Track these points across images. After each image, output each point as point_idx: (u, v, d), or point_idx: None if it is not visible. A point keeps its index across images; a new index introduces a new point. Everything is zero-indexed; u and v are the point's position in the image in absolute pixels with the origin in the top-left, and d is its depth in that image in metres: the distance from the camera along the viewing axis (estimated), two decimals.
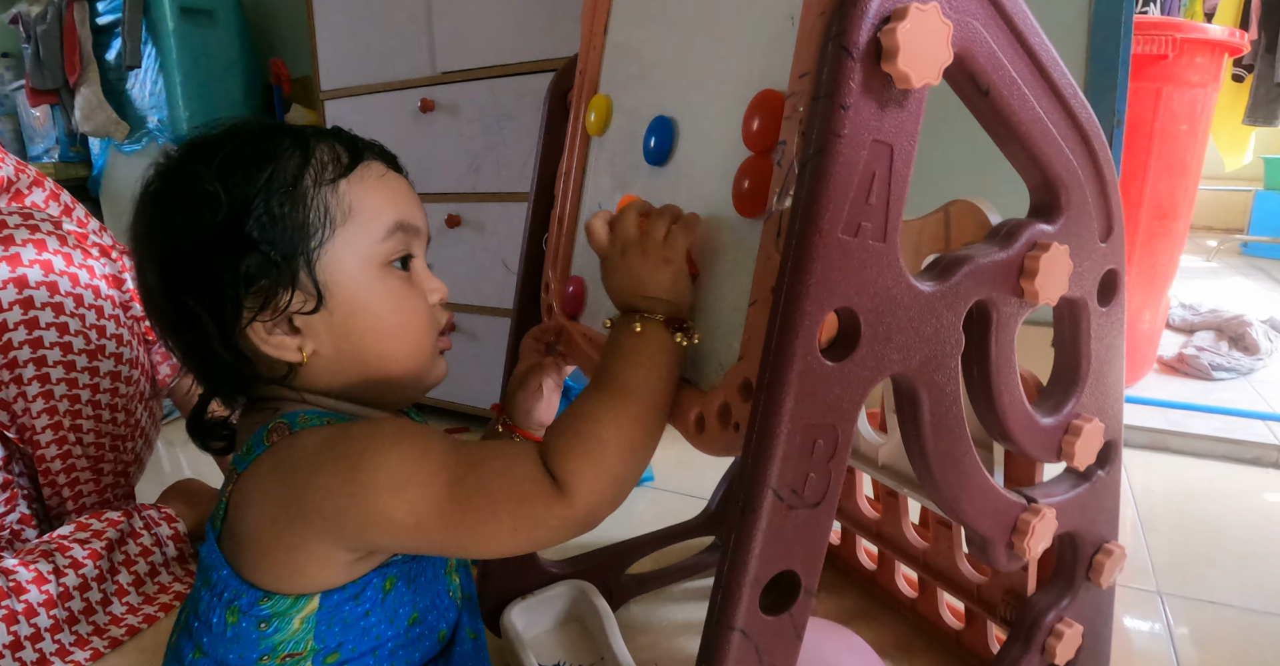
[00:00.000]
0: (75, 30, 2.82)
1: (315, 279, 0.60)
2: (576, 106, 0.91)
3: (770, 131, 0.55)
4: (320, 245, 0.59)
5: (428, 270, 0.68)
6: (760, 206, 0.55)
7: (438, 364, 0.69)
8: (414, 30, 1.79)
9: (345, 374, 0.63)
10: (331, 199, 0.60)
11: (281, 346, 0.60)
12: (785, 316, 0.47)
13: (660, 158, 0.72)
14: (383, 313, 0.63)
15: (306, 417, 0.60)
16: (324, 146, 0.62)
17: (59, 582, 1.10)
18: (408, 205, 0.65)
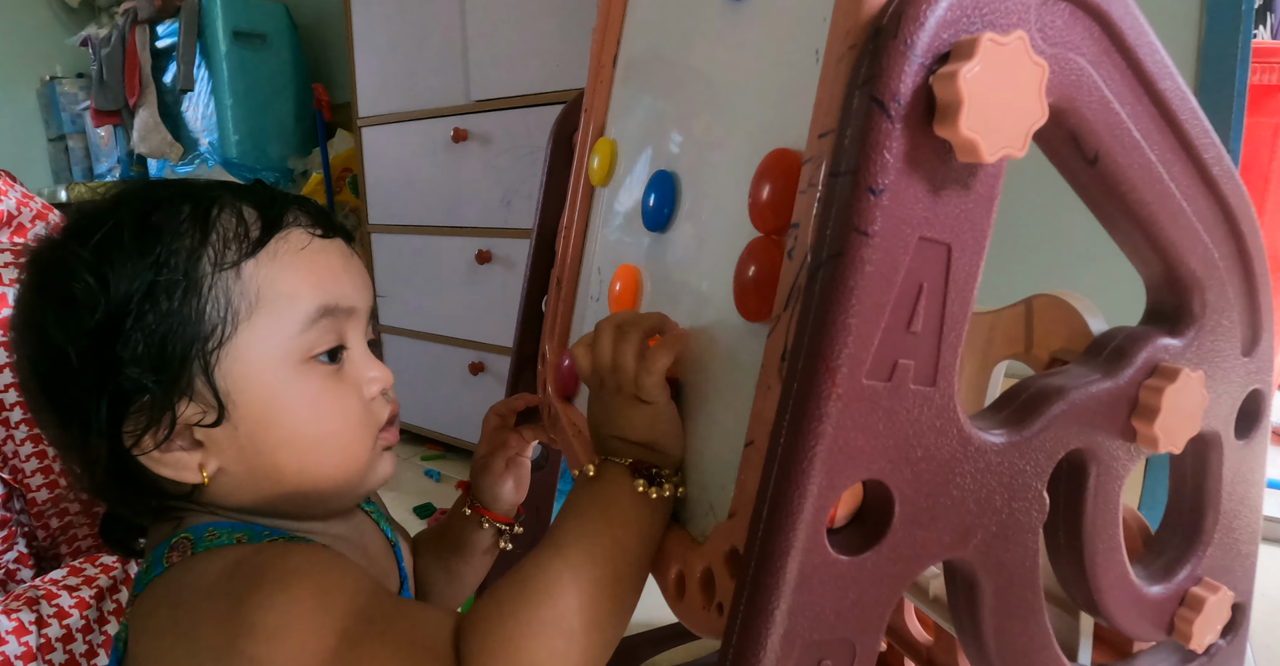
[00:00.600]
0: (136, 53, 2.84)
1: (214, 387, 0.48)
2: (580, 151, 0.77)
3: (781, 206, 0.40)
4: (220, 345, 0.48)
5: (367, 355, 0.55)
6: (765, 309, 0.40)
7: (377, 467, 0.55)
8: (450, 56, 1.70)
9: (259, 491, 0.51)
10: (234, 286, 0.48)
11: (179, 465, 0.49)
12: (781, 487, 0.32)
13: (659, 222, 0.57)
14: (300, 422, 0.50)
15: (214, 533, 0.49)
16: (229, 216, 0.50)
17: (40, 633, 1.02)
18: (336, 282, 0.52)
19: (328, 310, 0.51)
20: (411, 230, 1.90)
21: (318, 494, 0.52)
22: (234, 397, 0.48)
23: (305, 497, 0.52)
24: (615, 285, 0.63)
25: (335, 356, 0.52)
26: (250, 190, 0.53)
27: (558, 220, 0.82)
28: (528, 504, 0.88)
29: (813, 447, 0.31)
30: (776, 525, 0.32)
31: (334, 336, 0.51)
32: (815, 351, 0.31)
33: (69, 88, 3.50)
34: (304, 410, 0.50)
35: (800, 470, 0.31)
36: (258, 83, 2.62)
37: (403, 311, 1.99)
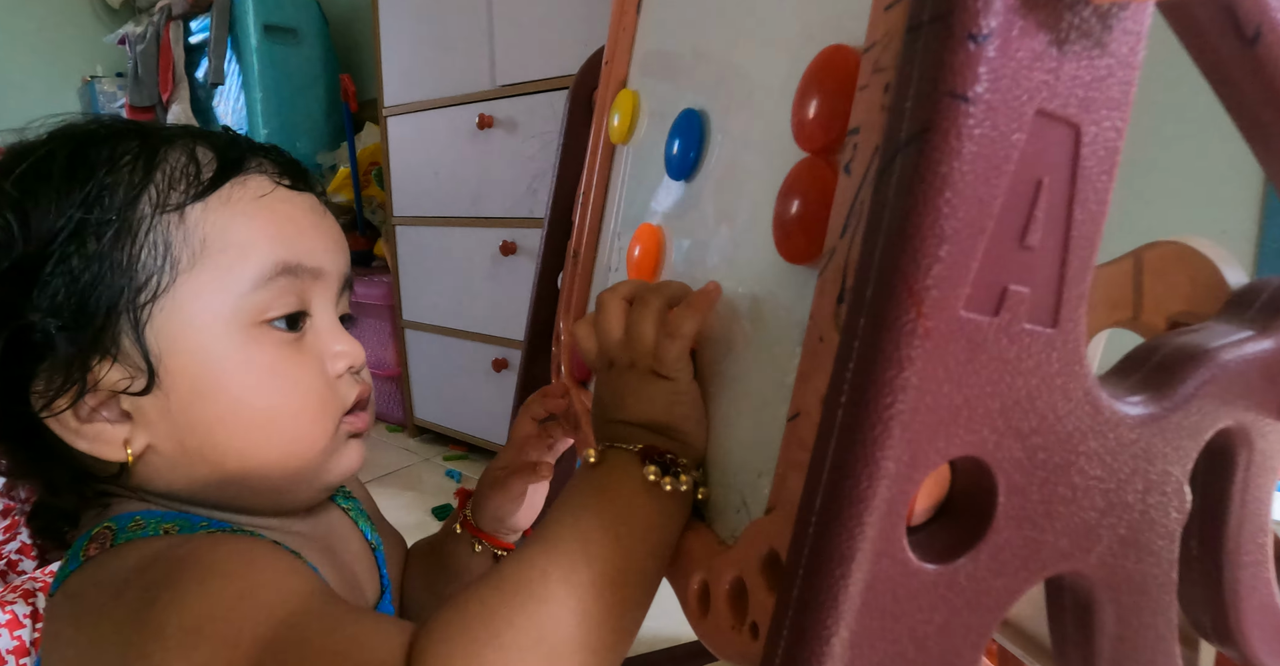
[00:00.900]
0: (170, 49, 2.83)
1: (144, 347, 0.40)
2: (600, 107, 0.69)
3: (835, 113, 0.31)
4: (154, 298, 0.41)
5: (335, 327, 0.47)
6: (815, 246, 0.32)
7: (341, 455, 0.47)
8: (475, 42, 1.63)
9: (194, 475, 0.43)
10: (175, 231, 0.41)
11: (100, 439, 0.41)
12: (843, 467, 0.23)
13: (685, 168, 0.48)
14: (244, 394, 0.42)
15: (140, 523, 0.42)
16: (181, 154, 0.43)
17: (35, 628, 0.97)
18: (300, 237, 0.45)
19: (287, 267, 0.43)
20: (435, 221, 1.83)
21: (264, 483, 0.44)
22: (166, 361, 0.41)
23: (249, 487, 0.44)
24: (634, 249, 0.55)
25: (295, 324, 0.45)
26: (212, 133, 0.46)
27: (575, 187, 0.74)
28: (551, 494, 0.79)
29: (889, 408, 0.22)
30: (836, 520, 0.23)
31: (294, 299, 0.44)
32: (891, 273, 0.22)
33: (108, 87, 3.51)
34: (250, 381, 0.42)
35: (871, 441, 0.22)
36: (288, 77, 2.58)
37: (425, 306, 1.92)
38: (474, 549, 0.60)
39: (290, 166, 0.47)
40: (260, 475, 0.44)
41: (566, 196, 0.74)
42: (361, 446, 0.49)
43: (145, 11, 3.48)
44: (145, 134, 0.43)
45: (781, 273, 0.35)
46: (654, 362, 0.42)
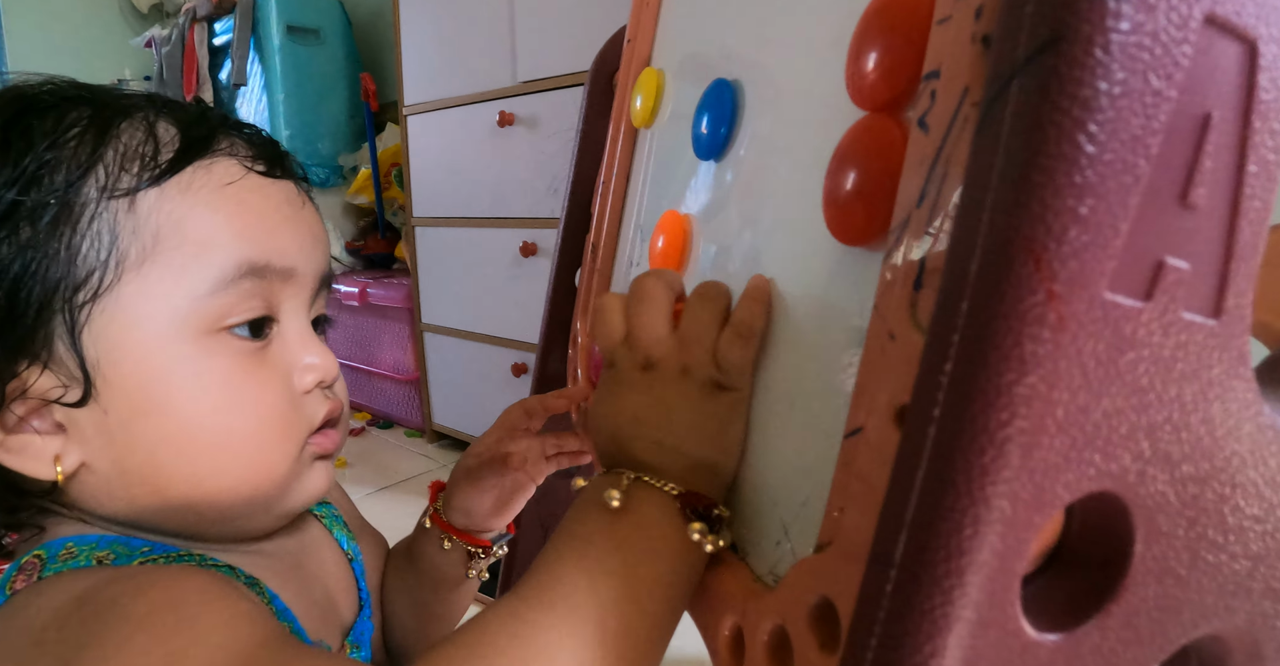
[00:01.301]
0: (194, 51, 2.82)
1: (80, 353, 0.35)
2: (621, 89, 0.63)
3: (902, 60, 0.25)
4: (94, 297, 0.35)
5: (307, 335, 0.42)
6: (878, 221, 0.26)
7: (305, 481, 0.42)
8: (496, 37, 1.58)
9: (134, 499, 0.38)
10: (124, 220, 0.36)
11: (26, 453, 0.36)
12: (934, 508, 0.17)
13: (715, 147, 0.43)
14: (194, 412, 0.37)
15: (72, 551, 0.36)
16: (138, 129, 0.37)
17: None
18: (270, 233, 0.39)
19: (253, 268, 0.38)
20: (455, 222, 1.79)
21: (215, 511, 0.39)
22: (105, 371, 0.35)
23: (198, 514, 0.38)
24: (657, 240, 0.49)
25: (259, 331, 0.39)
26: (181, 105, 0.40)
27: (594, 177, 0.68)
28: (554, 516, 0.74)
29: (1006, 426, 0.16)
30: (927, 576, 0.17)
31: (259, 303, 0.39)
32: (1008, 240, 0.16)
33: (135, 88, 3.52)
34: (201, 396, 0.37)
35: (979, 472, 0.16)
36: (310, 78, 2.56)
37: (445, 308, 1.88)
38: (443, 545, 0.53)
39: (266, 149, 0.41)
40: (211, 502, 0.38)
41: (585, 187, 0.69)
42: (329, 468, 0.44)
43: (171, 15, 3.50)
44: (100, 103, 0.38)
45: (833, 257, 0.29)
46: (715, 370, 0.35)
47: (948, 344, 0.17)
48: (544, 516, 0.73)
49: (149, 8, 3.59)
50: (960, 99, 0.21)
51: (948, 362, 0.17)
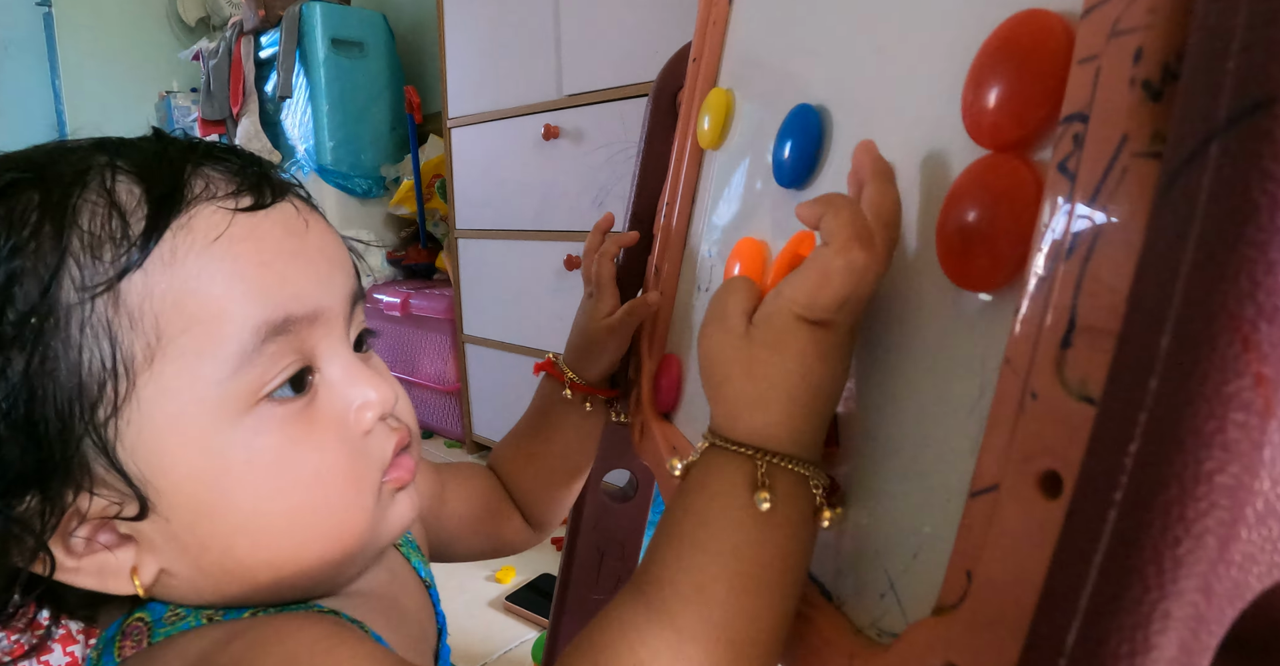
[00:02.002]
0: (241, 64, 2.87)
1: (122, 471, 0.32)
2: (687, 108, 0.63)
3: (1033, 98, 0.24)
4: (115, 412, 0.31)
5: (352, 369, 0.38)
6: (1000, 267, 0.25)
7: (391, 517, 0.39)
8: (542, 51, 1.59)
9: (223, 591, 0.36)
10: (117, 319, 0.31)
11: (104, 573, 0.33)
12: (1112, 599, 0.16)
13: (799, 174, 0.42)
14: (256, 503, 0.34)
15: (178, 614, 0.35)
16: (98, 200, 0.32)
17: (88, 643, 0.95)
18: (282, 279, 0.34)
19: (274, 327, 0.33)
20: (499, 234, 1.80)
21: (309, 581, 0.37)
22: (153, 482, 0.32)
23: (292, 587, 0.36)
24: (734, 266, 0.48)
25: (301, 385, 0.35)
26: (134, 146, 0.35)
27: (657, 197, 0.67)
28: (611, 541, 0.73)
29: (1203, 517, 0.15)
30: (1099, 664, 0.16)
31: (293, 358, 0.35)
32: (1207, 314, 0.15)
33: (182, 101, 3.59)
34: (259, 483, 0.34)
35: (1171, 563, 0.15)
36: (354, 90, 2.59)
37: (486, 320, 1.88)
38: (585, 407, 0.63)
39: (248, 172, 0.36)
40: (303, 575, 0.36)
41: (648, 208, 0.68)
42: (410, 495, 0.41)
43: (219, 28, 3.57)
44: (46, 179, 0.32)
45: (945, 299, 0.28)
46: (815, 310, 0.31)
47: (1131, 422, 0.16)
48: (600, 541, 0.72)
49: (196, 21, 3.66)
50: (1117, 147, 0.20)
51: (1132, 443, 0.16)
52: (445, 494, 0.60)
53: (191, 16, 3.63)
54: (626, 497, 0.72)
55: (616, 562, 0.73)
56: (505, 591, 1.24)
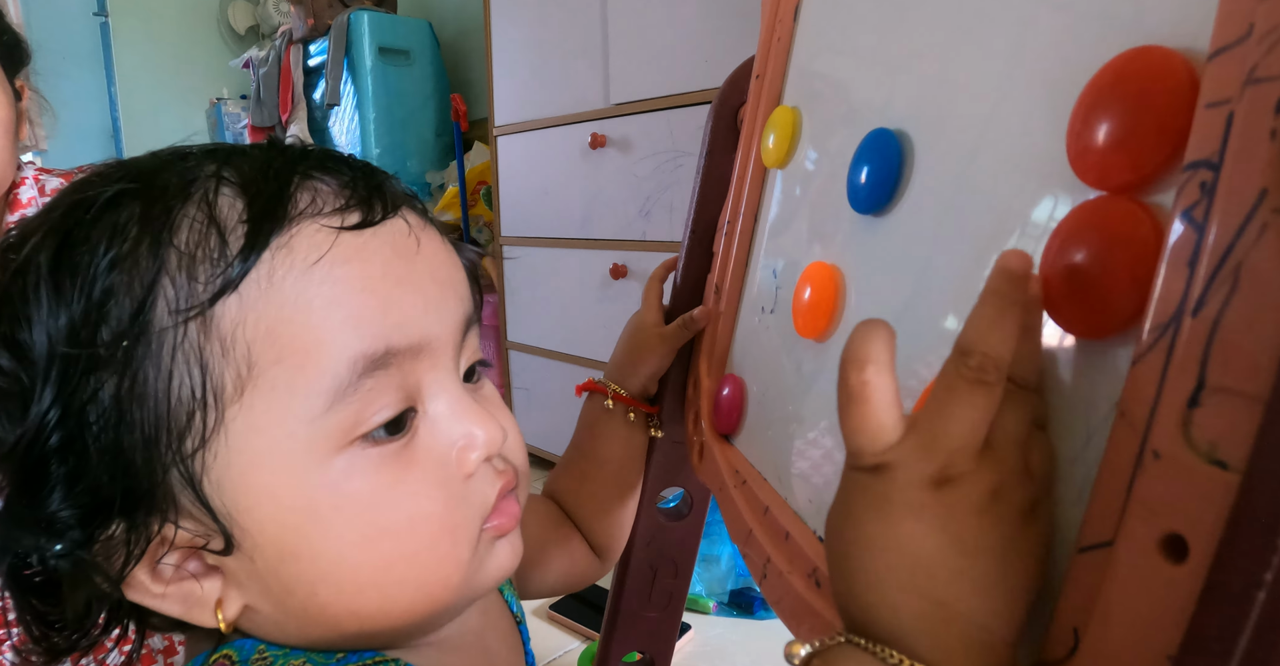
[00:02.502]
0: (290, 72, 2.92)
1: (208, 506, 0.31)
2: (750, 126, 0.62)
3: (1152, 141, 0.23)
4: (203, 443, 0.30)
5: (460, 407, 0.35)
6: (1112, 316, 0.24)
7: (490, 567, 0.36)
8: (589, 59, 1.59)
9: (307, 634, 0.34)
10: (208, 345, 0.29)
11: (190, 601, 0.33)
12: None
13: (876, 200, 0.41)
14: (342, 550, 0.32)
15: (267, 657, 0.34)
16: (198, 215, 0.30)
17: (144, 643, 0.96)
18: (385, 307, 0.32)
19: (372, 361, 0.31)
20: (544, 242, 1.80)
21: (395, 633, 0.35)
22: (238, 519, 0.31)
23: (376, 638, 0.35)
24: (804, 291, 0.47)
25: (400, 425, 0.33)
26: (246, 154, 0.33)
27: (717, 215, 0.67)
28: (664, 559, 0.73)
29: None
30: None
31: (394, 396, 0.32)
32: None
33: (232, 108, 3.67)
34: (346, 530, 0.32)
35: None
36: (400, 98, 2.62)
37: (531, 327, 1.89)
38: (629, 417, 0.64)
39: (358, 184, 0.33)
40: (389, 627, 0.34)
41: (708, 225, 0.67)
42: (513, 542, 0.38)
43: (268, 36, 3.63)
44: (150, 190, 0.31)
45: (1046, 342, 0.27)
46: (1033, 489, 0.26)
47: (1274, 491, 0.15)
48: (653, 558, 0.72)
49: (246, 30, 3.73)
50: (1256, 202, 0.19)
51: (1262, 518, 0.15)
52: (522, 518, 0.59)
53: (242, 25, 3.70)
54: (681, 516, 0.71)
55: (669, 580, 0.72)
56: (549, 601, 1.24)
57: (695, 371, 0.65)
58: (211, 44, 3.74)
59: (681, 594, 0.74)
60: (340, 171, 0.33)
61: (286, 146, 0.34)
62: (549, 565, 0.60)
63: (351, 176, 0.33)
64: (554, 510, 0.64)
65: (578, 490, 0.64)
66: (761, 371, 0.55)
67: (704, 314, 0.64)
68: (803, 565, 0.41)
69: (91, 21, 3.40)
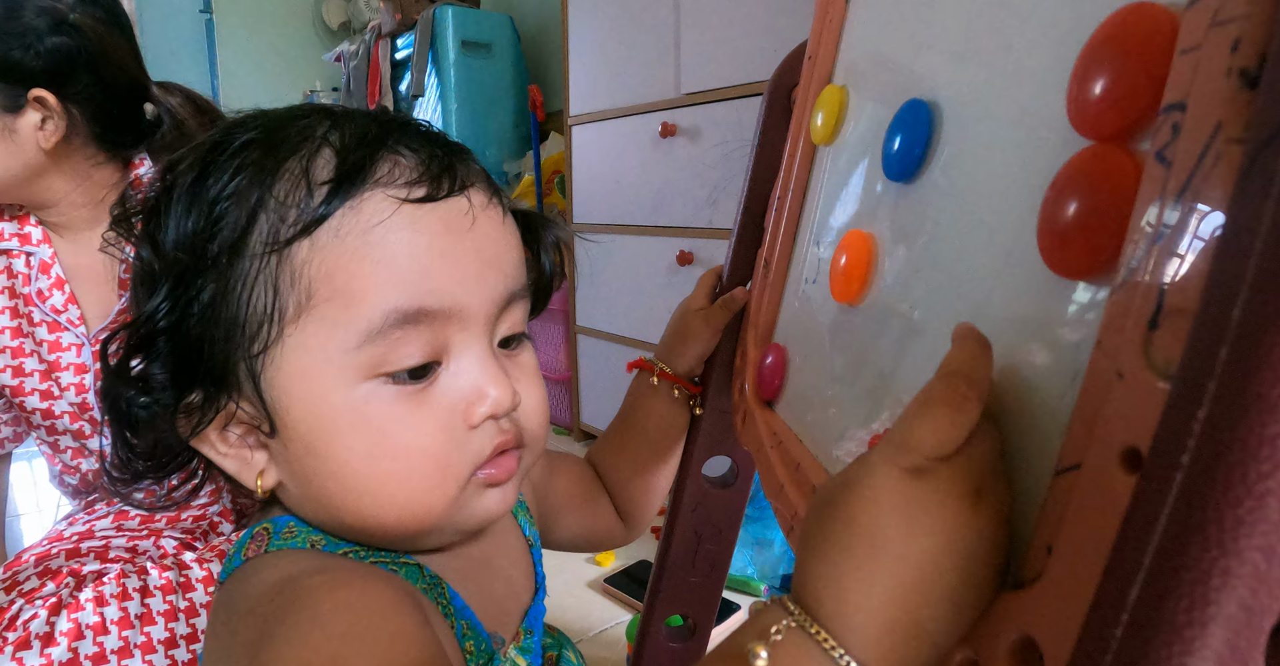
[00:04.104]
0: (379, 64, 3.03)
1: (262, 398, 0.38)
2: (801, 105, 0.64)
3: (1137, 89, 0.24)
4: (265, 349, 0.37)
5: (484, 368, 0.40)
6: (1098, 255, 0.25)
7: (474, 507, 0.41)
8: (662, 49, 1.62)
9: (319, 518, 0.42)
10: (283, 275, 0.36)
11: (241, 462, 0.41)
12: (1177, 555, 0.17)
13: (908, 168, 0.42)
14: (350, 458, 0.38)
15: (293, 530, 0.41)
16: (296, 167, 0.37)
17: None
18: (425, 274, 0.37)
19: (405, 316, 0.37)
20: (614, 229, 1.84)
21: (385, 537, 0.41)
22: (280, 414, 0.38)
23: (371, 536, 0.41)
24: (840, 258, 0.49)
25: (423, 373, 0.39)
26: (353, 119, 0.39)
27: (769, 192, 0.69)
28: (709, 526, 0.75)
29: (1266, 477, 0.15)
30: (1166, 627, 0.17)
31: (421, 348, 0.38)
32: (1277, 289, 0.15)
33: (325, 100, 3.83)
34: (356, 444, 0.38)
35: (1232, 522, 0.16)
36: (481, 89, 2.70)
37: (598, 312, 1.93)
38: (674, 393, 0.67)
39: (435, 163, 0.39)
40: (378, 531, 0.40)
41: (760, 202, 0.69)
42: (503, 493, 0.43)
43: (359, 31, 3.78)
44: (271, 138, 0.38)
45: (1044, 288, 0.29)
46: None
47: (1201, 389, 0.17)
48: (698, 525, 0.74)
49: (338, 25, 3.89)
50: (1212, 134, 0.20)
51: (1201, 408, 0.17)
52: (555, 467, 0.64)
53: (334, 21, 3.85)
54: (727, 484, 0.73)
55: (713, 546, 0.74)
56: (604, 574, 1.28)
57: (743, 343, 0.68)
58: (306, 39, 3.91)
59: (724, 561, 0.76)
60: (424, 148, 0.39)
61: (389, 117, 0.40)
62: (572, 519, 0.65)
63: (431, 154, 0.39)
64: (588, 472, 0.68)
65: (615, 457, 0.68)
66: (802, 339, 0.57)
67: (743, 293, 0.68)
68: None
69: (197, 18, 3.60)
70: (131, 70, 1.04)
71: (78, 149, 0.99)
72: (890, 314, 0.43)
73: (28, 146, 0.94)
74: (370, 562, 0.41)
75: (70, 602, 0.95)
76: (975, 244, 0.35)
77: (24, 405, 1.07)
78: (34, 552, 1.04)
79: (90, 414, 1.08)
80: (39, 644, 0.91)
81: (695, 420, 0.70)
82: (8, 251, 1.04)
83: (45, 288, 1.04)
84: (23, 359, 1.05)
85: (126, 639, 0.95)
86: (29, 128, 0.93)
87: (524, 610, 0.51)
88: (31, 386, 1.06)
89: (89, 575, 0.99)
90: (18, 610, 0.92)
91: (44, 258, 1.04)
